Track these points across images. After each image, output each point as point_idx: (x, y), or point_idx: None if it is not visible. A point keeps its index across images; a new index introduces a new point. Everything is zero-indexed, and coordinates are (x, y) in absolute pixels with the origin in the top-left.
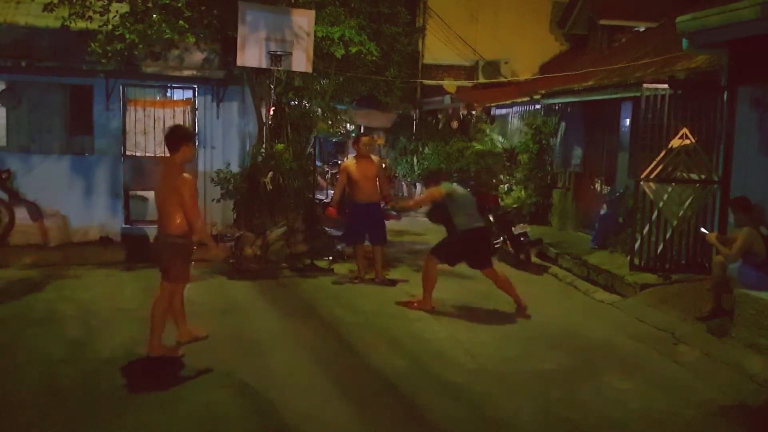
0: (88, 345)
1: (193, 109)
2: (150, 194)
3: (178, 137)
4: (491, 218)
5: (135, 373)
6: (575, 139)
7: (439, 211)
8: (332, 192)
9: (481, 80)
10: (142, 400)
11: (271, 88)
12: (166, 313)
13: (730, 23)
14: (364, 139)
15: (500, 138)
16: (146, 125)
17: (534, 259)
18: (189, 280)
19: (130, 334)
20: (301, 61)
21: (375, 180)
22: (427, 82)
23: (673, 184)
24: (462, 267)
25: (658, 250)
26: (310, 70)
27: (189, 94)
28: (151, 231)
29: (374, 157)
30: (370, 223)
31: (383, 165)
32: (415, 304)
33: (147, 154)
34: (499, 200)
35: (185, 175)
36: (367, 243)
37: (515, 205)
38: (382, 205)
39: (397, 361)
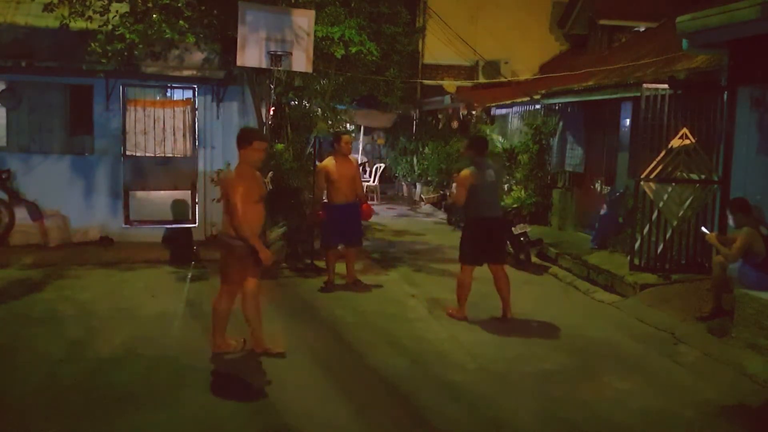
0: (88, 345)
1: (193, 109)
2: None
3: (237, 140)
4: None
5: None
6: (575, 139)
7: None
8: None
9: (481, 80)
10: (142, 400)
11: (271, 88)
12: (225, 313)
13: (730, 23)
14: (346, 137)
15: (500, 138)
16: (146, 125)
17: (534, 259)
18: (242, 283)
19: (130, 334)
20: (301, 61)
21: (353, 180)
22: (427, 82)
23: (673, 184)
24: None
25: (658, 250)
26: (310, 70)
27: (189, 94)
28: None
29: (351, 157)
30: (348, 224)
31: (358, 163)
32: (450, 311)
33: (147, 154)
34: None
35: (236, 174)
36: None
37: (515, 205)
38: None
39: (397, 361)
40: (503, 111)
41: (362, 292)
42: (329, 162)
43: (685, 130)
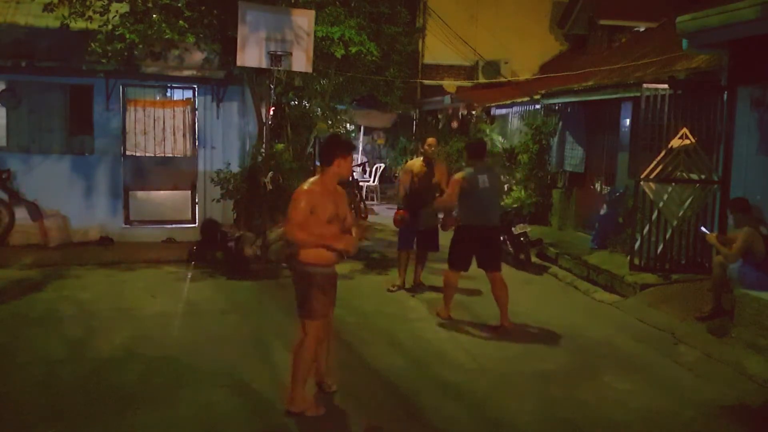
0: (88, 345)
1: (193, 109)
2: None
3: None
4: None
5: None
6: (575, 139)
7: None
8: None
9: (481, 80)
10: (142, 400)
11: (271, 88)
12: (311, 360)
13: (730, 23)
14: (429, 139)
15: (500, 138)
16: (146, 125)
17: (534, 259)
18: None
19: (130, 334)
20: (301, 61)
21: (436, 184)
22: (427, 82)
23: (673, 184)
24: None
25: (658, 250)
26: (310, 70)
27: (189, 94)
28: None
29: (438, 161)
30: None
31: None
32: (437, 311)
33: (147, 154)
34: None
35: (306, 187)
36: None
37: (515, 205)
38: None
39: (397, 361)
40: (503, 111)
41: (363, 292)
42: (416, 162)
43: (685, 130)
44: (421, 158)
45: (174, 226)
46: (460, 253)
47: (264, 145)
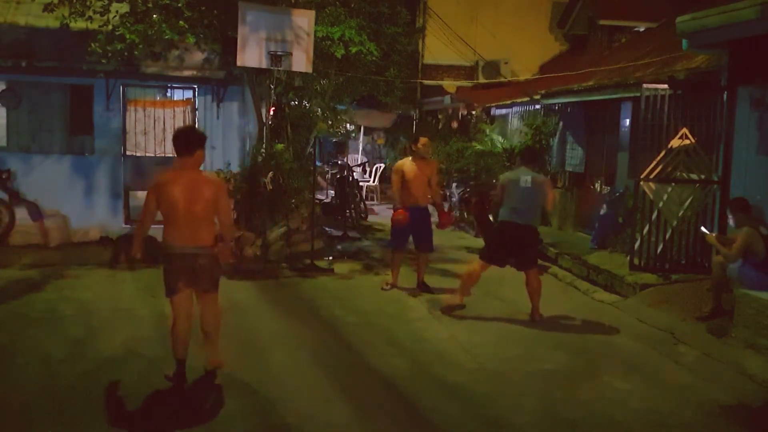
0: (88, 345)
1: (193, 109)
2: None
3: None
4: (491, 218)
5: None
6: (575, 139)
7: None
8: (331, 193)
9: (481, 80)
10: (142, 399)
11: (271, 88)
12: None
13: (730, 23)
14: (423, 139)
15: (500, 138)
16: (146, 125)
17: None
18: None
19: (130, 334)
20: (301, 62)
21: (427, 183)
22: (427, 82)
23: (673, 184)
24: (460, 268)
25: (658, 250)
26: (310, 70)
27: (189, 94)
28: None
29: (431, 160)
30: (416, 227)
31: (437, 167)
32: (446, 302)
33: (147, 154)
34: None
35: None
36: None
37: None
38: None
39: (397, 361)
40: (503, 111)
41: (363, 293)
42: (406, 162)
43: (685, 130)
44: (410, 158)
45: None
46: (490, 246)
47: (264, 145)
